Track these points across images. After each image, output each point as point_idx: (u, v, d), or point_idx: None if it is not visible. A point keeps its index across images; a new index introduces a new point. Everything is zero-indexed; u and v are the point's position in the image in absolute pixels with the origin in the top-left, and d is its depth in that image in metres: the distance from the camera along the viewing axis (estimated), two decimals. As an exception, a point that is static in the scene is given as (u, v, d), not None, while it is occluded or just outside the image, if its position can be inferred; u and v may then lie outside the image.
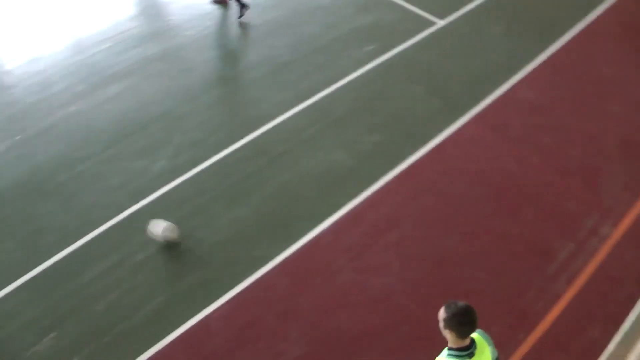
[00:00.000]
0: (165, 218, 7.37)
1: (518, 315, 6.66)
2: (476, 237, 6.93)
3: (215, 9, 11.17)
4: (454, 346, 4.37)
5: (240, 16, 10.89)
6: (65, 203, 7.75)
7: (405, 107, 9.24)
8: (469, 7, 11.33)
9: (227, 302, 6.72)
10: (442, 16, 11.01)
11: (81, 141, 8.57)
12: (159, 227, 7.16)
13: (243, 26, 10.81)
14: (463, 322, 4.24)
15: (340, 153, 8.46)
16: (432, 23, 10.86)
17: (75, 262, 7.12)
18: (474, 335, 4.45)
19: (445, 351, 4.43)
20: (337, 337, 6.42)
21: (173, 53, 10.26)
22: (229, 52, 10.25)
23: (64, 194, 7.86)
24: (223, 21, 10.92)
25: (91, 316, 6.60)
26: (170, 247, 7.23)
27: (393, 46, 10.28)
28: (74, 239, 7.33)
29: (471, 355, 4.38)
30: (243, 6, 10.87)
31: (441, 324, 4.31)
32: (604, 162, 8.48)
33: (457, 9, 11.22)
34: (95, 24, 10.82)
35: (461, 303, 4.26)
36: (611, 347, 6.37)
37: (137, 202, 7.75)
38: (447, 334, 4.35)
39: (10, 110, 9.10)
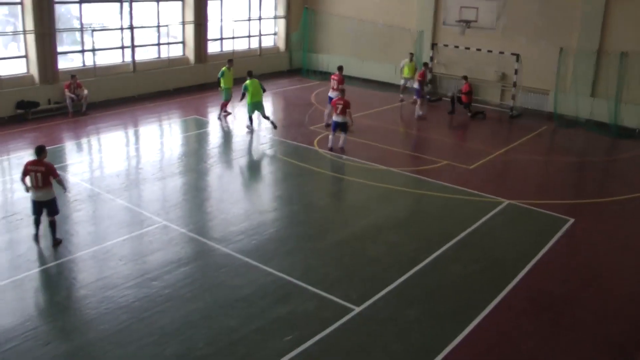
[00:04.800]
0: None
1: None
2: None
3: (131, 309, 11.02)
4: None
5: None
6: None
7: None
8: (383, 292, 11.62)
9: None
10: (358, 303, 11.19)
11: None
12: None
13: (157, 318, 10.61)
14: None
15: None
16: (350, 309, 10.98)
17: None
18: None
19: None
20: None
21: (84, 350, 9.84)
22: (142, 347, 9.88)
23: None
24: (139, 320, 10.67)
25: None
26: None
27: (313, 334, 10.21)
28: None
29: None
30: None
31: None
32: None
33: (372, 294, 11.47)
34: None
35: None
36: None
37: None
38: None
39: None
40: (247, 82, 22.06)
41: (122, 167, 18.62)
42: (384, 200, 16.22)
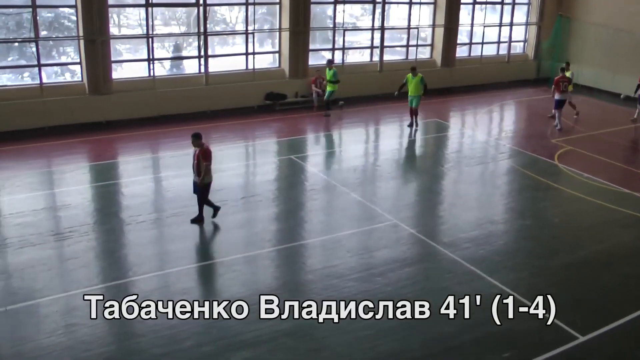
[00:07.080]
0: None
1: None
2: None
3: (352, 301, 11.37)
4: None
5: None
6: None
7: None
8: (611, 326, 10.83)
9: None
10: (583, 332, 10.56)
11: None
12: None
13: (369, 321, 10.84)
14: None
15: None
16: (573, 337, 10.41)
17: None
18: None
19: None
20: None
21: (304, 330, 10.34)
22: (358, 339, 10.18)
23: None
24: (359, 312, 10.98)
25: None
26: None
27: (531, 356, 9.84)
28: None
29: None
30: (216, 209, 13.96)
31: None
32: None
33: (599, 326, 10.76)
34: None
35: None
36: None
37: None
38: None
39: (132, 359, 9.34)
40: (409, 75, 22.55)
41: (359, 162, 19.27)
42: (621, 226, 15.16)
